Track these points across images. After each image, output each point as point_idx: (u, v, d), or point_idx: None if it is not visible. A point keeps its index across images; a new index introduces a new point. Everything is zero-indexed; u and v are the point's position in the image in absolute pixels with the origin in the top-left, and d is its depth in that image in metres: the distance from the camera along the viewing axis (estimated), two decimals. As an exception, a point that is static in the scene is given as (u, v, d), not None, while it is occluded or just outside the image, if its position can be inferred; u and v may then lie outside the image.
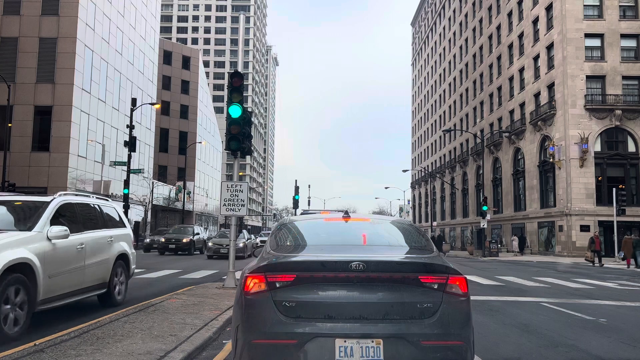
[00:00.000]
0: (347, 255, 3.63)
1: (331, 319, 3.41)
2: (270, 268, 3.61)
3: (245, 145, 11.59)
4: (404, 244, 4.50)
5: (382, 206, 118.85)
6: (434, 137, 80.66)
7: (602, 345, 6.40)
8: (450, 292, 3.56)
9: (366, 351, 3.35)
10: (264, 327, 3.45)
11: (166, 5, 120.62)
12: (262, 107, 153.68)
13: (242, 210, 11.52)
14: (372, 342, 3.36)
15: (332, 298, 3.48)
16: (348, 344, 3.36)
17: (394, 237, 4.57)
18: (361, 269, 3.48)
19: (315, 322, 3.42)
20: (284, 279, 3.53)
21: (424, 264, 3.72)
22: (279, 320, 3.43)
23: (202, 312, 7.61)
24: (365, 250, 4.04)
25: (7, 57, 33.78)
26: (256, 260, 4.05)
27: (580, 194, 37.63)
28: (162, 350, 5.11)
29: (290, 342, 3.38)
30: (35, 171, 32.94)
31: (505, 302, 10.35)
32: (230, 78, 11.50)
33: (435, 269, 3.63)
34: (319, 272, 3.51)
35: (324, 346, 3.35)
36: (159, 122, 56.94)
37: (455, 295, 3.58)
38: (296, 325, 3.41)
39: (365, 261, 3.53)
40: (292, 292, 3.49)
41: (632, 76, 38.98)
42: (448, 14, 74.57)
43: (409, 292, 3.52)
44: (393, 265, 3.66)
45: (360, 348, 3.35)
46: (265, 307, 3.48)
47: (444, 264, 3.71)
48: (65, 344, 5.31)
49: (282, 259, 3.79)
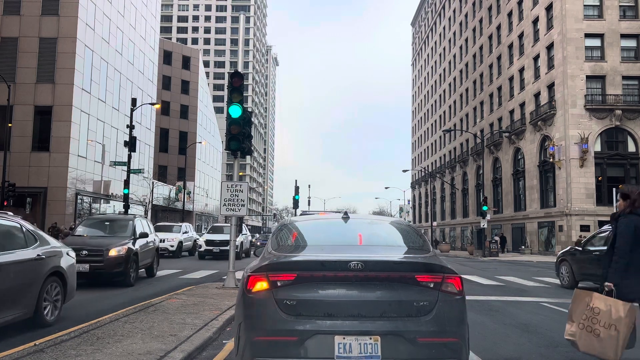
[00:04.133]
0: (346, 255, 3.70)
1: (331, 316, 3.50)
2: (272, 267, 3.69)
3: (245, 145, 11.59)
4: (402, 244, 4.58)
5: (382, 206, 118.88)
6: (434, 137, 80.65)
7: (602, 345, 6.38)
8: (445, 291, 3.65)
9: (364, 348, 3.43)
10: (266, 325, 3.53)
11: (166, 5, 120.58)
12: (262, 107, 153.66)
13: (242, 210, 11.51)
14: (370, 339, 3.45)
15: (331, 296, 3.57)
16: (347, 340, 3.44)
17: (391, 238, 4.66)
18: (360, 269, 3.56)
19: (315, 320, 3.49)
20: (285, 278, 3.60)
21: (420, 264, 3.82)
22: (281, 318, 3.51)
23: (202, 312, 7.60)
24: (364, 250, 4.09)
25: (7, 57, 33.76)
26: (258, 260, 4.13)
27: (580, 194, 37.63)
28: (162, 350, 5.11)
29: (291, 339, 3.45)
30: (35, 171, 32.92)
31: (506, 302, 10.34)
32: (230, 78, 11.50)
33: (432, 269, 3.72)
34: (319, 271, 3.59)
35: (324, 343, 3.43)
36: (159, 122, 56.93)
37: (451, 294, 3.67)
38: (297, 322, 3.48)
39: (364, 261, 3.60)
40: (293, 290, 3.56)
41: (632, 76, 38.98)
42: (448, 14, 74.56)
43: (405, 291, 3.60)
44: (390, 265, 3.75)
45: (358, 345, 3.44)
46: (267, 306, 3.55)
47: (440, 263, 3.80)
48: (65, 344, 5.31)
49: (283, 258, 3.88)
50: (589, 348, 4.55)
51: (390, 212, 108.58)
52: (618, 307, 4.45)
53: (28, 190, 32.20)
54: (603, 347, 4.45)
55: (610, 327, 4.44)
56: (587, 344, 4.54)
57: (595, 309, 4.53)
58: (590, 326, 4.53)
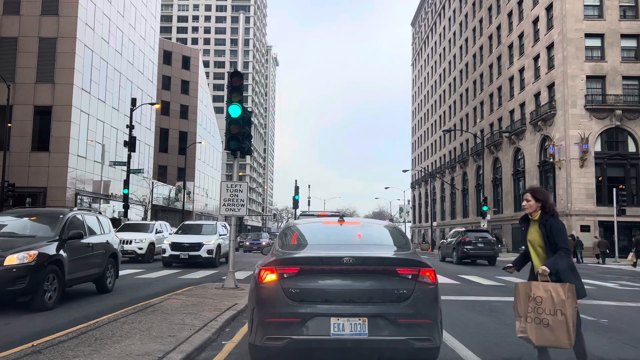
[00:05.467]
0: (340, 252, 4.46)
1: (327, 302, 4.25)
2: (279, 262, 4.46)
3: (245, 145, 11.54)
4: (387, 243, 5.33)
5: (382, 206, 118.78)
6: (434, 137, 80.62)
7: (604, 346, 6.36)
8: (421, 282, 4.39)
9: (354, 327, 4.19)
10: (274, 309, 4.27)
11: (166, 5, 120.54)
12: (262, 107, 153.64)
13: (242, 210, 11.47)
14: (359, 320, 4.19)
15: (328, 286, 4.33)
16: (340, 321, 4.19)
17: (378, 238, 5.48)
18: (351, 263, 4.32)
19: (315, 305, 4.24)
20: (290, 271, 4.36)
21: (401, 259, 4.64)
22: (286, 303, 4.25)
23: (202, 313, 7.57)
24: (355, 248, 4.83)
25: (6, 57, 33.73)
26: (267, 256, 4.89)
27: (580, 194, 37.60)
28: (160, 352, 5.08)
29: (295, 320, 4.20)
30: (35, 171, 32.89)
31: (506, 302, 10.29)
32: (229, 77, 11.45)
33: (410, 263, 4.47)
34: (318, 265, 4.35)
35: (322, 323, 4.18)
36: (158, 122, 56.92)
37: (426, 284, 4.40)
38: (300, 307, 4.23)
39: (355, 257, 4.37)
40: (297, 281, 4.30)
41: (632, 76, 38.96)
42: (448, 14, 74.54)
43: (389, 281, 4.34)
44: (376, 260, 4.54)
45: (350, 324, 4.19)
46: (275, 293, 4.30)
47: (417, 259, 4.56)
48: (63, 344, 5.28)
49: (288, 255, 4.70)
50: (543, 340, 4.47)
51: (390, 212, 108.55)
52: (557, 289, 4.43)
53: (28, 190, 32.14)
54: (555, 335, 4.38)
55: (557, 312, 4.38)
56: (540, 337, 4.46)
57: (537, 299, 4.47)
58: (538, 317, 4.46)
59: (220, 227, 20.80)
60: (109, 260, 10.72)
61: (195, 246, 18.21)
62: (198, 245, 18.24)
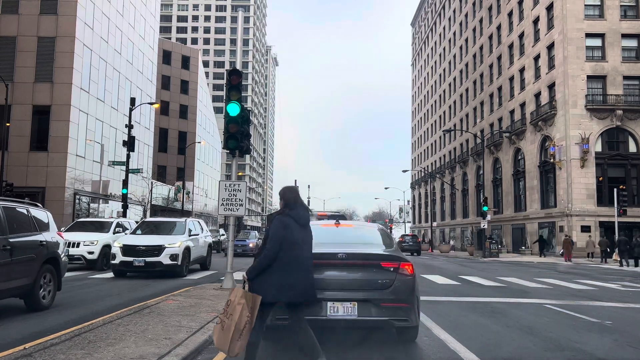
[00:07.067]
0: (336, 249, 5.40)
1: (324, 289, 5.11)
2: None
3: (244, 144, 11.37)
4: (375, 242, 6.25)
5: (381, 206, 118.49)
6: (434, 138, 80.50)
7: (609, 348, 6.23)
8: (401, 273, 5.37)
9: (346, 309, 5.15)
10: None
11: (166, 5, 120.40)
12: (261, 107, 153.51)
13: (241, 210, 11.33)
14: (350, 303, 5.15)
15: (325, 276, 5.21)
16: (335, 305, 5.15)
17: (368, 238, 6.45)
18: (345, 258, 5.29)
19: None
20: None
21: (385, 255, 5.57)
22: None
23: (199, 314, 7.44)
24: (348, 246, 5.67)
25: (5, 56, 33.60)
26: None
27: (581, 195, 37.48)
28: (155, 355, 4.95)
29: None
30: (33, 171, 32.75)
31: (508, 303, 10.18)
32: (228, 75, 11.28)
33: (392, 258, 5.46)
34: (317, 260, 5.00)
35: (320, 306, 5.09)
36: (158, 122, 56.78)
37: (405, 275, 5.39)
38: None
39: (347, 253, 5.32)
40: None
41: (633, 76, 38.86)
42: (448, 14, 74.43)
43: (374, 273, 5.31)
44: (365, 256, 5.45)
45: (343, 307, 5.15)
46: None
47: (398, 255, 5.61)
48: (55, 347, 5.14)
49: None
50: (218, 342, 4.30)
51: (389, 212, 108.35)
52: (237, 293, 4.32)
53: (26, 190, 31.91)
54: (224, 338, 4.24)
55: (230, 315, 4.25)
56: (217, 338, 4.30)
57: (229, 301, 4.35)
58: (220, 318, 4.34)
59: (192, 224, 16.53)
60: (45, 268, 8.23)
61: (155, 250, 14.11)
62: (158, 248, 14.10)
